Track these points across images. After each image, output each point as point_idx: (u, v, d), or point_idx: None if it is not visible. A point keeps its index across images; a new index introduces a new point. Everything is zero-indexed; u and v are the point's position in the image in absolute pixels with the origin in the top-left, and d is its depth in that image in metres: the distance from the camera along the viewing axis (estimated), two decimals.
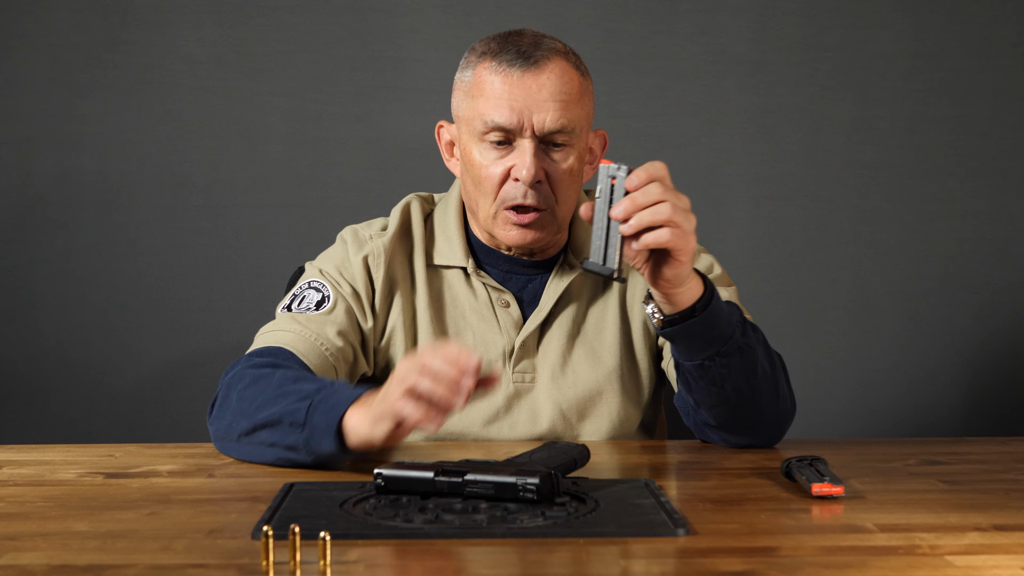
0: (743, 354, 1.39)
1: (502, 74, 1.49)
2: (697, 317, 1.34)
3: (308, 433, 1.31)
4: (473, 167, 1.52)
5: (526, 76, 1.48)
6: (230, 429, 1.40)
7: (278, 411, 1.34)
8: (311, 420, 1.30)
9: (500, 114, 1.48)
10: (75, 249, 2.65)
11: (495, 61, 1.50)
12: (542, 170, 1.49)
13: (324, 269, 1.60)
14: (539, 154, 1.49)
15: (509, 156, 1.50)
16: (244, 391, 1.40)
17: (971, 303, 2.72)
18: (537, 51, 1.49)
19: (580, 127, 1.51)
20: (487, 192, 1.51)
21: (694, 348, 1.37)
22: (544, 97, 1.48)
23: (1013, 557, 0.99)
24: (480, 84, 1.50)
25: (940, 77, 2.69)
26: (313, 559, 0.96)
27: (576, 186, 1.54)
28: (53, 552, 1.01)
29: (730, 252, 2.64)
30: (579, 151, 1.52)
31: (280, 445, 1.34)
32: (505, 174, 1.50)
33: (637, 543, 1.03)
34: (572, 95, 1.50)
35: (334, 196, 2.65)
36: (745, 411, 1.44)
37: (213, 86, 2.65)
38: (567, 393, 1.57)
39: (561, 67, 1.50)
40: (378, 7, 2.66)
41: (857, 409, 2.72)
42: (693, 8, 2.67)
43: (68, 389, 2.66)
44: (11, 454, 1.48)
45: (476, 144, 1.51)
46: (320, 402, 1.31)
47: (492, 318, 1.58)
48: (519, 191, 1.49)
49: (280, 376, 1.40)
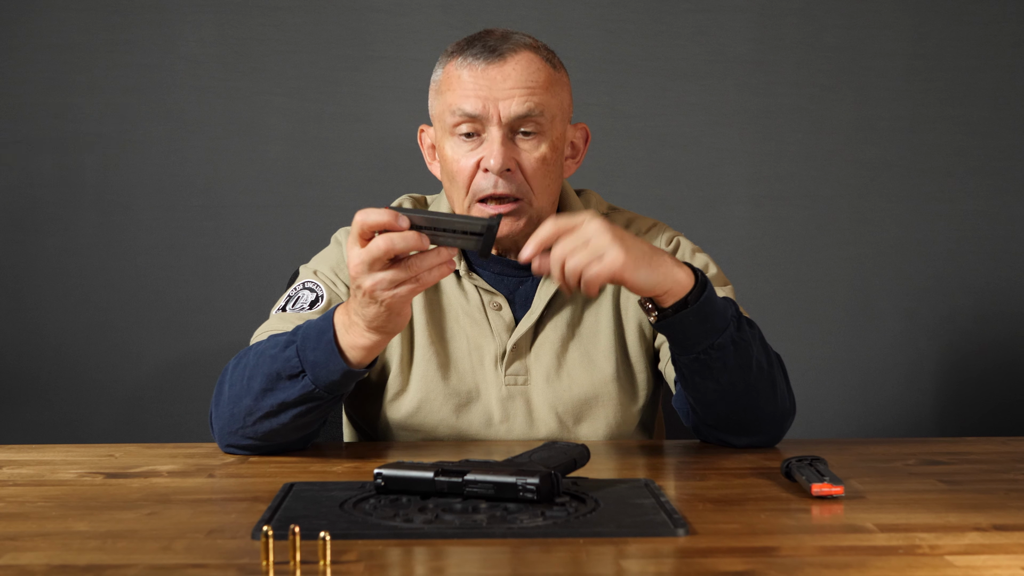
0: (738, 347, 1.39)
1: (468, 67, 1.51)
2: (690, 307, 1.35)
3: (312, 373, 1.35)
4: (446, 162, 1.53)
5: (491, 68, 1.50)
6: (233, 416, 1.41)
7: (268, 370, 1.38)
8: (306, 359, 1.35)
9: (467, 103, 1.49)
10: (75, 249, 2.65)
11: (462, 56, 1.52)
12: (512, 159, 1.50)
13: (319, 270, 1.60)
14: (507, 143, 1.50)
15: (479, 148, 1.51)
16: (231, 377, 1.44)
17: (971, 303, 2.72)
18: (504, 44, 1.51)
19: (551, 115, 1.52)
20: (460, 186, 1.52)
21: (689, 340, 1.38)
22: (509, 85, 1.49)
23: (1013, 557, 0.99)
24: (449, 79, 1.53)
25: (940, 77, 2.69)
26: (313, 559, 0.96)
27: (553, 177, 1.54)
28: (53, 552, 1.01)
29: (730, 252, 2.64)
30: (552, 140, 1.52)
31: (291, 402, 1.37)
32: (476, 166, 1.51)
33: (637, 543, 1.03)
34: (539, 83, 1.51)
35: (334, 196, 2.66)
36: (743, 408, 1.44)
37: (213, 86, 2.65)
38: (563, 396, 1.57)
39: (527, 58, 1.51)
40: (378, 7, 2.66)
41: (857, 409, 2.72)
42: (693, 8, 2.67)
43: (68, 389, 2.66)
44: (11, 454, 1.48)
45: (448, 139, 1.52)
46: (304, 340, 1.36)
47: (484, 321, 1.58)
48: (490, 181, 1.50)
49: (255, 347, 1.43)
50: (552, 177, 1.54)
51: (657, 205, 2.58)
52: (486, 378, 1.56)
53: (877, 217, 2.71)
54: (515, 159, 1.50)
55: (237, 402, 1.41)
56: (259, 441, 1.43)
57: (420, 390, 1.55)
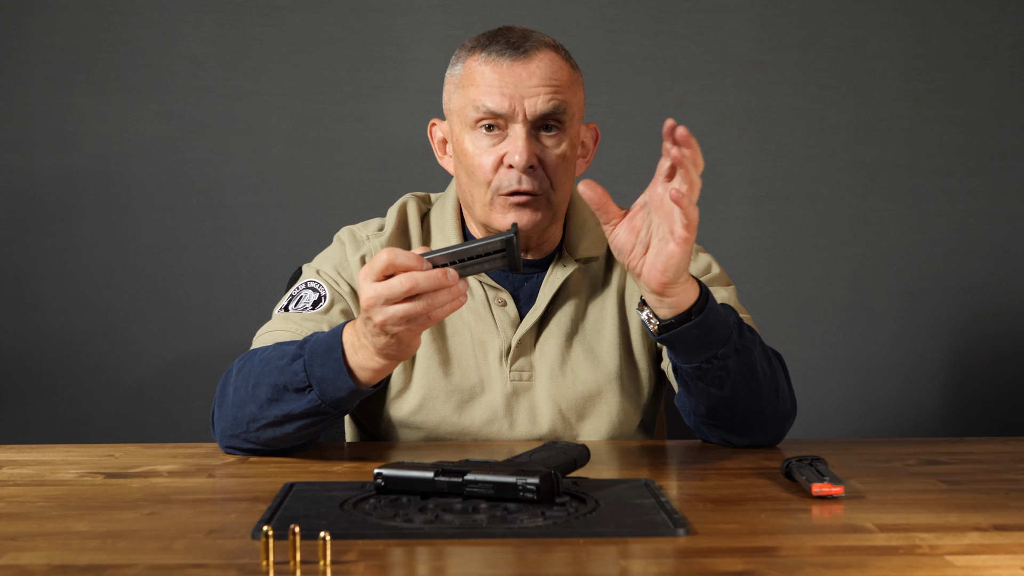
0: (741, 356, 1.39)
1: (492, 63, 1.50)
2: (693, 320, 1.34)
3: (319, 388, 1.34)
4: (466, 157, 1.52)
5: (516, 64, 1.49)
6: (237, 421, 1.41)
7: (274, 381, 1.36)
8: (314, 375, 1.33)
9: (492, 100, 1.48)
10: (75, 249, 2.65)
11: (485, 52, 1.51)
12: (535, 155, 1.49)
13: (322, 269, 1.60)
14: (531, 139, 1.49)
15: (502, 144, 1.50)
16: (236, 380, 1.43)
17: (971, 303, 2.72)
18: (526, 42, 1.51)
19: (572, 113, 1.52)
20: (481, 181, 1.51)
21: (691, 352, 1.37)
22: (535, 83, 1.49)
23: (1013, 557, 0.99)
24: (471, 74, 1.52)
25: (940, 77, 2.69)
26: (313, 559, 0.96)
27: (570, 174, 1.54)
28: (53, 552, 1.01)
29: (730, 252, 2.64)
30: (571, 138, 1.52)
31: (297, 414, 1.36)
32: (498, 162, 1.50)
33: (637, 543, 1.03)
34: (563, 82, 1.51)
35: (334, 196, 2.66)
36: (745, 412, 1.44)
37: (213, 86, 2.65)
38: (566, 392, 1.57)
39: (550, 57, 1.51)
40: (378, 7, 2.66)
41: (857, 409, 2.72)
42: (693, 8, 2.67)
43: (68, 389, 2.66)
44: (11, 454, 1.48)
45: (468, 133, 1.52)
46: (312, 356, 1.34)
47: (489, 317, 1.58)
48: (513, 178, 1.49)
49: (260, 352, 1.42)
50: (569, 174, 1.54)
51: None
52: (491, 374, 1.56)
53: (877, 217, 2.71)
54: (538, 155, 1.50)
55: (241, 407, 1.40)
56: (260, 446, 1.43)
57: (422, 387, 1.55)
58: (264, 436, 1.41)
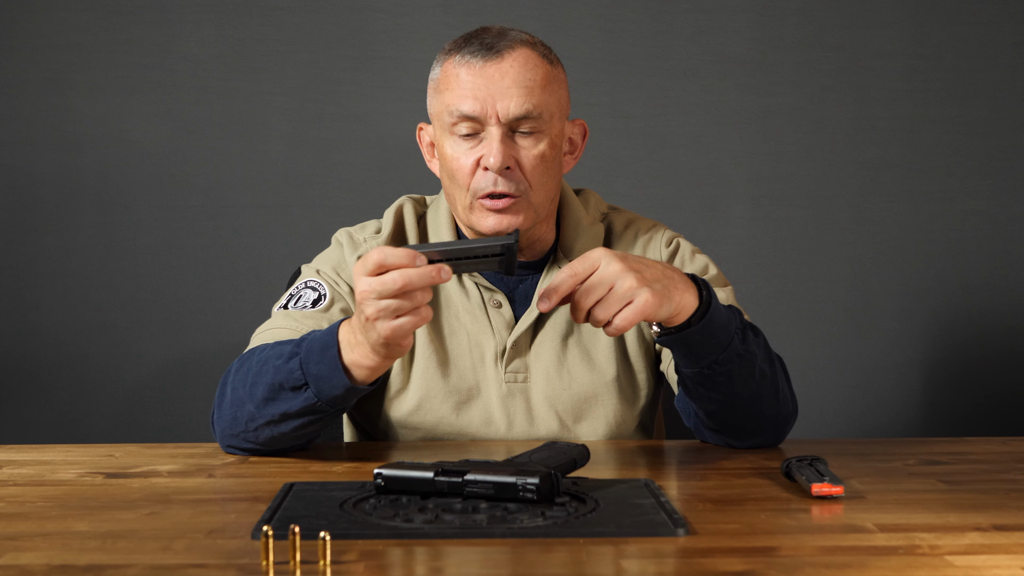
0: (742, 360, 1.39)
1: (466, 66, 1.50)
2: (694, 327, 1.34)
3: (315, 386, 1.33)
4: (446, 161, 1.53)
5: (488, 66, 1.49)
6: (235, 420, 1.41)
7: (271, 380, 1.36)
8: (310, 372, 1.33)
9: (465, 103, 1.49)
10: (75, 249, 2.65)
11: (459, 55, 1.52)
12: (511, 157, 1.49)
13: (321, 269, 1.60)
14: (506, 141, 1.49)
15: (479, 146, 1.50)
16: (234, 380, 1.43)
17: (970, 303, 2.72)
18: (501, 42, 1.51)
19: (549, 113, 1.51)
20: (460, 184, 1.52)
21: (692, 357, 1.38)
22: (507, 84, 1.49)
23: (1013, 557, 0.99)
24: (447, 78, 1.52)
25: (940, 77, 2.69)
26: (313, 559, 0.96)
27: (552, 173, 1.54)
28: (53, 552, 1.01)
29: (730, 252, 2.64)
30: (550, 137, 1.52)
31: (293, 413, 1.36)
32: (475, 164, 1.51)
33: (637, 543, 1.03)
34: (537, 81, 1.50)
35: (334, 196, 2.66)
36: (746, 415, 1.44)
37: (213, 86, 2.65)
38: (562, 394, 1.57)
39: (525, 55, 1.51)
40: (378, 7, 2.66)
41: (857, 409, 2.72)
42: (693, 8, 2.67)
43: (68, 389, 2.66)
44: (11, 454, 1.48)
45: (447, 138, 1.52)
46: (308, 353, 1.34)
47: (484, 318, 1.58)
48: (489, 180, 1.50)
49: (258, 352, 1.42)
50: (551, 174, 1.54)
51: (657, 205, 2.58)
52: (486, 375, 1.56)
53: (877, 217, 2.71)
54: (514, 157, 1.50)
55: (240, 407, 1.41)
56: (260, 445, 1.43)
57: (420, 388, 1.56)
58: (263, 435, 1.41)
